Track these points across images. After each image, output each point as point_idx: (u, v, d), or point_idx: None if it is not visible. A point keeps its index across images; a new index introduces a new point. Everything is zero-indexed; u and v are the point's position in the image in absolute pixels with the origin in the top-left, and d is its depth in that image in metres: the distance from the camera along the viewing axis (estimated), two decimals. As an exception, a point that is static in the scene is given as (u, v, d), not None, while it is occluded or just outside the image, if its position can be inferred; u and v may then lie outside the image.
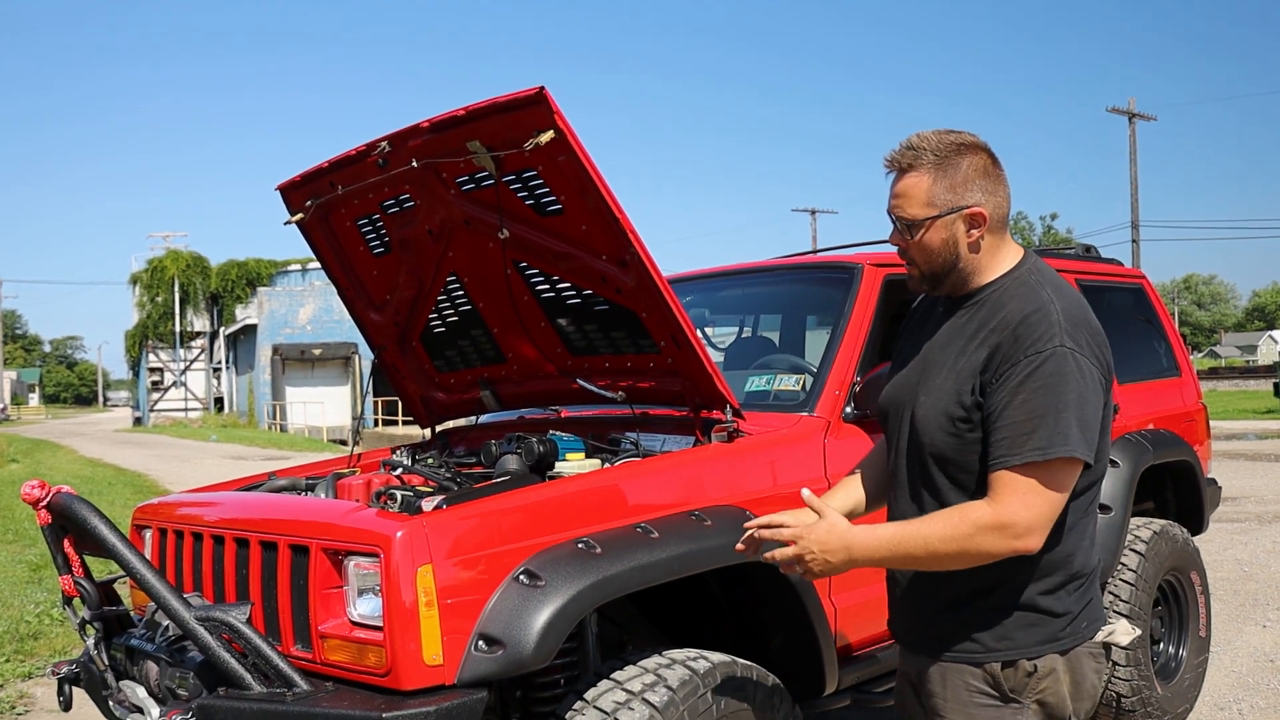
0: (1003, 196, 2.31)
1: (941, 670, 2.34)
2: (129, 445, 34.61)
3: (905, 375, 2.46)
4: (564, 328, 3.68)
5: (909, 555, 2.21)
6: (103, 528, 2.77)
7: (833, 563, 2.23)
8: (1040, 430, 2.11)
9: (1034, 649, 2.26)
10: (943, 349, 2.35)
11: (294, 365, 46.42)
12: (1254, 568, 8.75)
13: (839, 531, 2.23)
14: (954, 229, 2.28)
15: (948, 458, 2.29)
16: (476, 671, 2.54)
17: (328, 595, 2.71)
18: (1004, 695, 2.28)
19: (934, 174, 2.26)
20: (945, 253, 2.30)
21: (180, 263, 51.96)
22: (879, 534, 2.23)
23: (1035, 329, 2.18)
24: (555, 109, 2.95)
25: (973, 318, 2.32)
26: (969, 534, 2.14)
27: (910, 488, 2.39)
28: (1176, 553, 4.99)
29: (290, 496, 3.37)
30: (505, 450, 3.51)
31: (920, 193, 2.27)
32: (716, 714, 2.79)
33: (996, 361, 2.20)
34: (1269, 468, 16.42)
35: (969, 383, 2.24)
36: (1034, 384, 2.14)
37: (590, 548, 2.73)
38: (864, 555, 2.22)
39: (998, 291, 2.31)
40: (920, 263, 2.34)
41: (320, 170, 3.78)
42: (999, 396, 2.17)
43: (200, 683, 2.73)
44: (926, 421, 2.32)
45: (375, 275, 4.09)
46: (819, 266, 4.40)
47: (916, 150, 2.27)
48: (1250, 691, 5.60)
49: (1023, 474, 2.13)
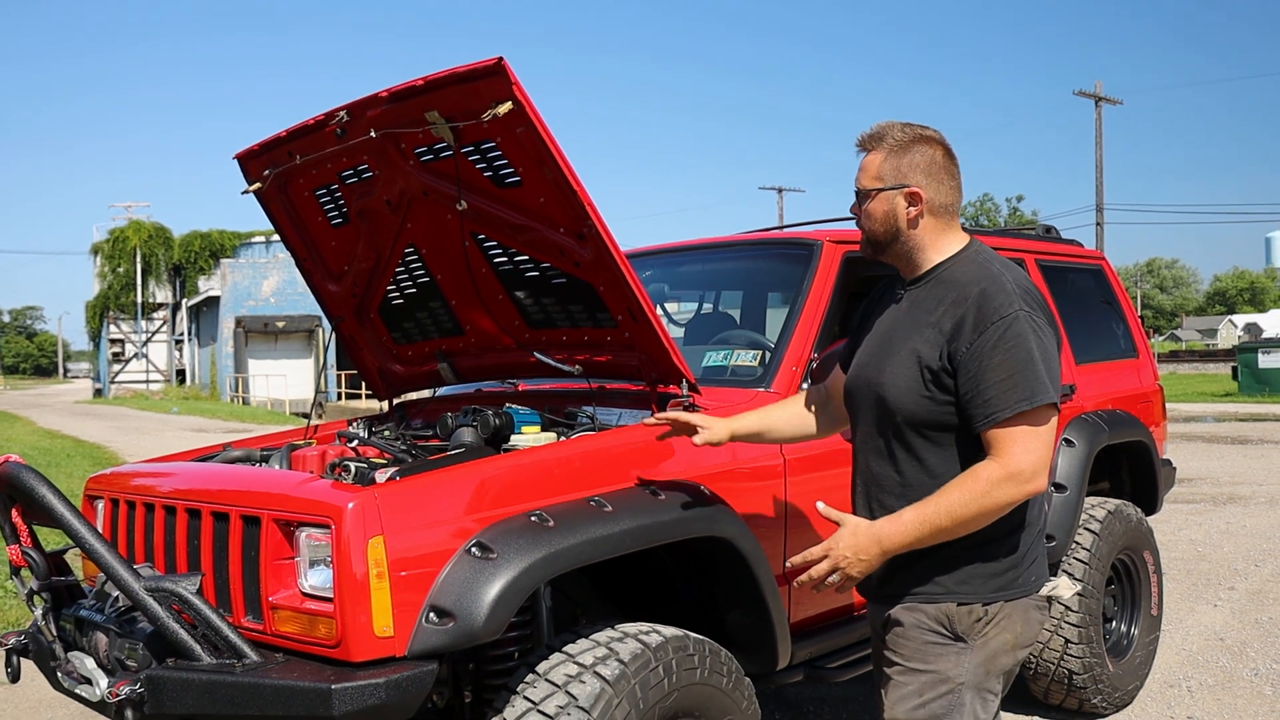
0: (948, 187, 2.59)
1: (899, 612, 2.57)
2: (89, 417, 34.26)
3: (867, 355, 2.69)
4: (522, 300, 3.66)
5: (937, 528, 2.40)
6: (51, 497, 2.74)
7: (868, 559, 2.43)
8: (1021, 384, 2.36)
9: (988, 595, 2.51)
10: (903, 326, 2.59)
11: (257, 338, 46.09)
12: (1207, 548, 8.88)
13: (865, 529, 2.45)
14: (894, 203, 2.57)
15: (923, 420, 2.51)
16: (427, 643, 2.53)
17: (279, 566, 2.69)
18: (955, 635, 2.51)
19: (886, 154, 2.58)
20: (886, 223, 2.59)
21: (142, 233, 51.31)
22: (903, 520, 2.42)
23: (994, 298, 2.44)
24: (513, 80, 2.92)
25: (928, 294, 2.57)
26: (985, 491, 2.36)
27: (886, 452, 2.60)
28: (1130, 532, 5.05)
29: (243, 467, 3.33)
30: (461, 423, 3.49)
31: (873, 168, 2.59)
32: (668, 687, 2.80)
33: (965, 331, 2.43)
34: (1225, 450, 16.66)
35: (935, 349, 2.48)
36: (1006, 345, 2.39)
37: (543, 520, 2.72)
38: (895, 543, 2.42)
39: (948, 270, 2.58)
40: (866, 229, 2.65)
41: (278, 139, 3.74)
42: (974, 363, 2.41)
43: (149, 653, 2.70)
44: (896, 392, 2.53)
45: (333, 246, 4.05)
46: (778, 243, 4.40)
47: (878, 135, 2.60)
48: (1199, 669, 5.69)
49: (1016, 424, 2.37)
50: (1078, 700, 4.84)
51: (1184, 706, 5.15)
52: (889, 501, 2.57)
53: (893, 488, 2.57)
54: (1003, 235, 5.31)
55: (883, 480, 2.60)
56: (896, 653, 2.56)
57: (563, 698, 2.65)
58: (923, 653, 2.52)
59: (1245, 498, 11.65)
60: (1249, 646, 6.07)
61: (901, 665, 2.55)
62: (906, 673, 2.53)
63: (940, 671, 2.50)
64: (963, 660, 2.50)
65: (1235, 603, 7.08)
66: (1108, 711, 4.94)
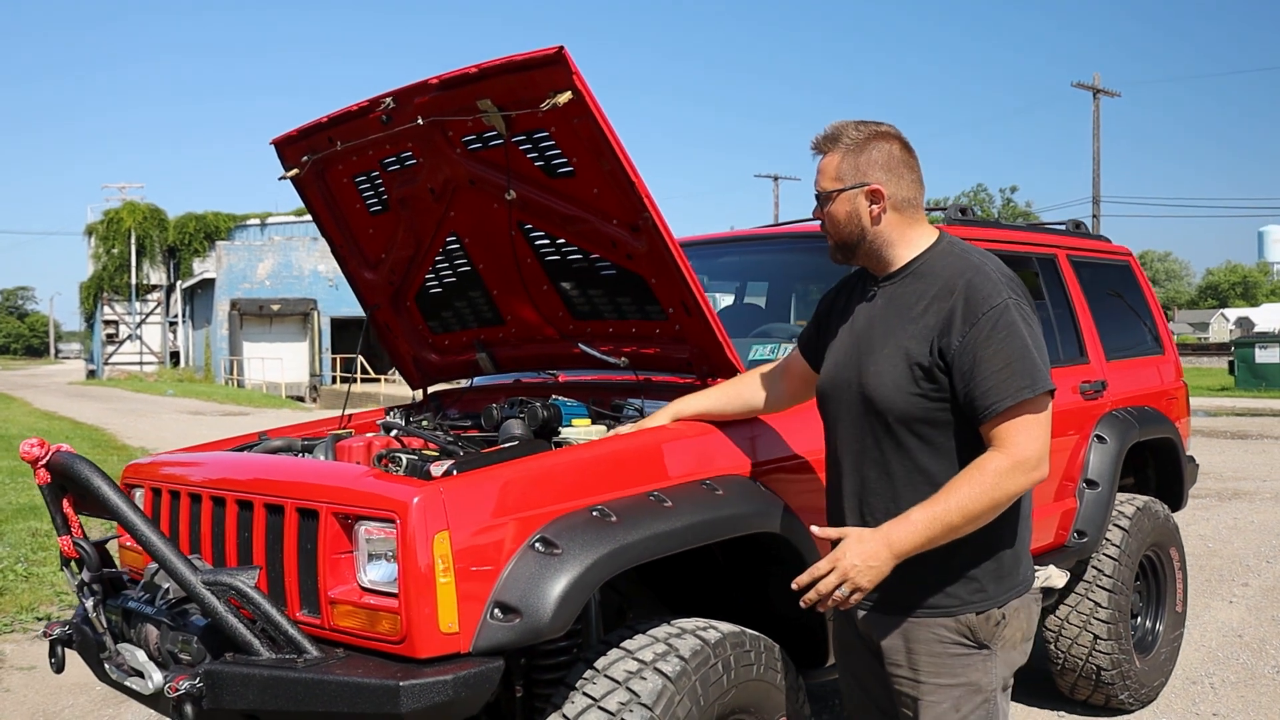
0: (908, 181, 2.55)
1: (910, 627, 2.52)
2: (84, 398, 34.15)
3: (842, 355, 2.64)
4: (567, 291, 3.63)
5: (949, 526, 2.34)
6: (105, 487, 2.70)
7: (877, 566, 2.34)
8: (1020, 372, 2.34)
9: (1002, 597, 2.49)
10: (881, 324, 2.54)
11: (252, 320, 46.00)
12: (1217, 544, 8.89)
13: (871, 536, 2.37)
14: (856, 203, 2.53)
15: (915, 417, 2.46)
16: (492, 640, 2.50)
17: (336, 560, 2.66)
18: (978, 643, 2.48)
19: (843, 154, 2.54)
20: (850, 224, 2.55)
21: (137, 215, 51.06)
22: (913, 520, 2.35)
23: (980, 289, 2.41)
24: (574, 69, 2.89)
25: (906, 290, 2.53)
26: (995, 483, 2.32)
27: (876, 454, 2.54)
28: (1158, 529, 5.05)
29: (296, 458, 3.30)
30: (508, 414, 3.46)
31: (831, 169, 2.55)
32: (726, 684, 2.78)
33: (955, 324, 2.39)
34: (1226, 445, 16.69)
35: (923, 345, 2.43)
36: (999, 335, 2.36)
37: (605, 515, 2.69)
38: (905, 545, 2.34)
39: (924, 264, 2.54)
40: (831, 233, 2.61)
41: (319, 125, 3.70)
42: (967, 356, 2.37)
43: (204, 647, 2.67)
44: (883, 389, 2.48)
45: (371, 233, 4.02)
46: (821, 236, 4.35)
47: (833, 136, 2.56)
48: (1221, 666, 5.69)
49: (1018, 413, 2.34)
50: (1104, 696, 4.84)
51: (1208, 703, 5.15)
52: (882, 505, 2.51)
53: (885, 491, 2.52)
54: (1033, 230, 5.27)
55: (873, 484, 2.54)
56: (916, 669, 2.51)
57: (624, 694, 2.62)
58: (949, 666, 2.48)
59: (1250, 493, 11.68)
60: (1268, 643, 6.07)
61: (928, 683, 2.49)
62: (936, 690, 2.49)
63: (972, 682, 2.48)
64: (990, 666, 2.49)
65: (1250, 599, 7.09)
66: (1134, 707, 4.94)
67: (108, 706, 5.18)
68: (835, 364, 2.65)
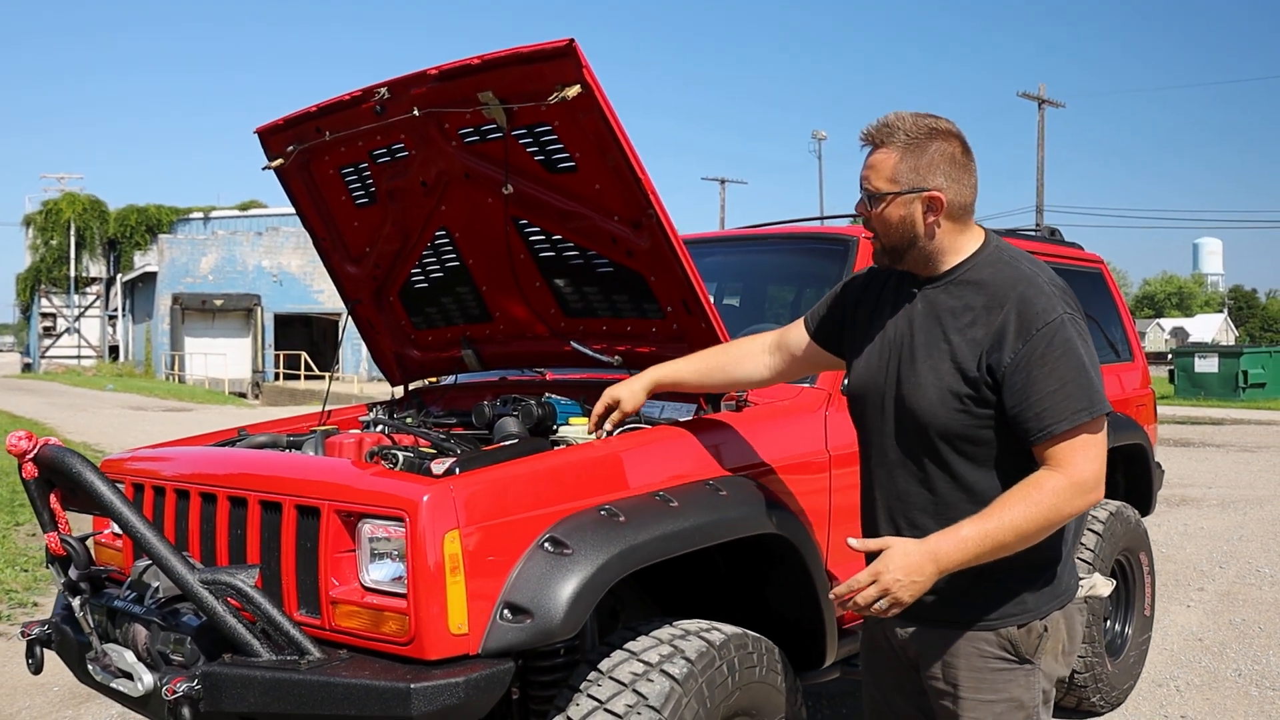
0: (967, 185, 2.38)
1: (951, 641, 2.41)
2: (20, 392, 33.38)
3: (878, 360, 2.50)
4: (561, 288, 3.57)
5: (1000, 544, 2.22)
6: (98, 482, 2.61)
7: (921, 581, 2.22)
8: (1076, 393, 2.22)
9: (1043, 609, 2.38)
10: (922, 331, 2.41)
11: (194, 315, 45.29)
12: (1170, 549, 9.02)
13: (917, 549, 2.23)
14: (912, 208, 2.35)
15: (958, 433, 2.33)
16: (502, 641, 2.45)
17: (338, 559, 2.60)
18: (1020, 657, 2.38)
19: (902, 153, 2.33)
20: (903, 229, 2.37)
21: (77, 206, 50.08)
22: (962, 535, 2.23)
23: (1035, 303, 2.28)
24: (584, 63, 2.84)
25: (951, 297, 2.39)
26: (1053, 504, 2.21)
27: (914, 467, 2.41)
28: (1129, 533, 5.09)
29: (291, 454, 3.22)
30: (502, 412, 3.41)
31: (887, 168, 2.34)
32: (731, 686, 2.75)
33: (1007, 339, 2.26)
34: (1169, 452, 16.95)
35: (971, 359, 2.30)
36: (1055, 353, 2.23)
37: (613, 515, 2.65)
38: (952, 561, 2.23)
39: (971, 271, 2.39)
40: (880, 235, 2.42)
41: (307, 114, 3.61)
42: (1020, 374, 2.24)
43: (198, 648, 2.59)
44: (925, 402, 2.35)
45: (355, 226, 3.94)
46: (812, 238, 4.35)
47: (891, 128, 2.35)
48: (1184, 669, 5.76)
49: (1075, 435, 2.22)
50: (1076, 698, 4.88)
51: (1175, 706, 5.21)
52: (920, 520, 2.39)
53: (924, 505, 2.40)
54: (1008, 236, 5.31)
55: (910, 498, 2.42)
56: (957, 685, 2.40)
57: (631, 696, 2.58)
58: (990, 681, 2.37)
59: (1197, 500, 11.87)
60: (1228, 647, 6.16)
61: (969, 699, 2.38)
62: (977, 706, 2.38)
63: (1014, 698, 2.37)
64: (1032, 681, 2.39)
65: (1207, 604, 7.19)
66: (1103, 710, 4.98)
67: (67, 708, 5.03)
68: (868, 367, 2.51)
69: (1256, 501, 11.59)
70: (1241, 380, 28.96)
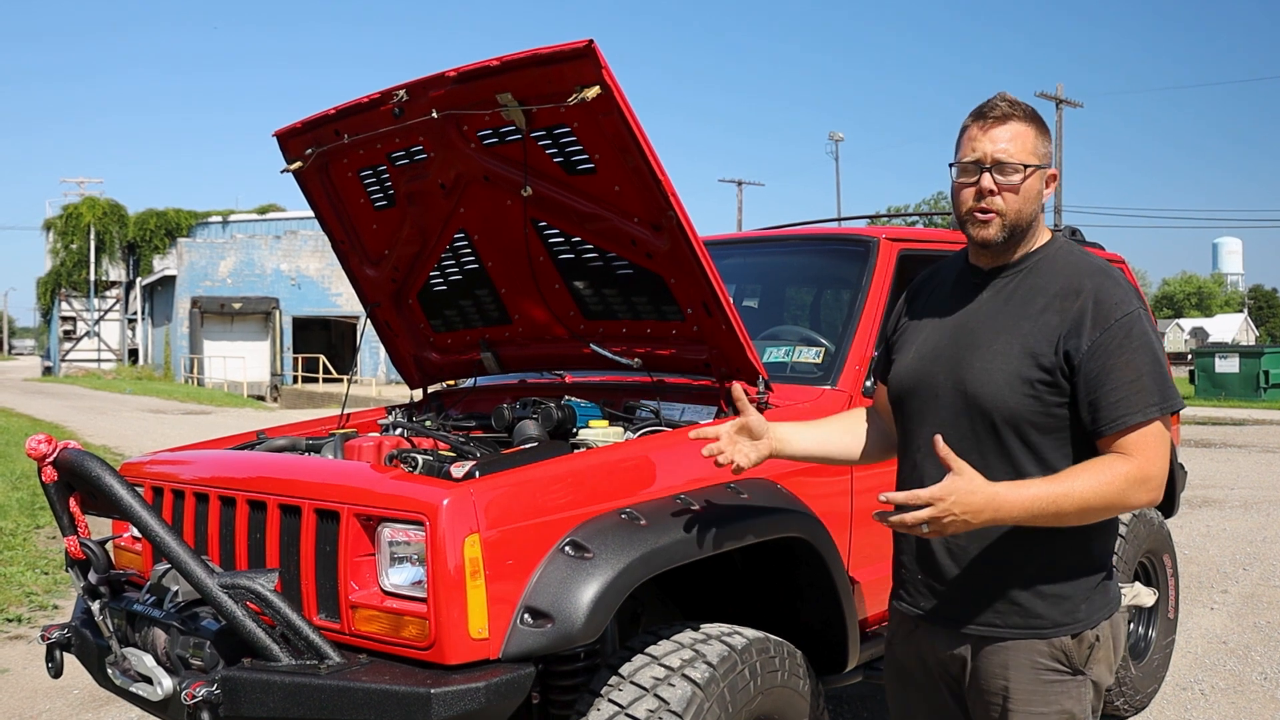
0: None
1: (1002, 651, 2.34)
2: (41, 395, 33.59)
3: (937, 348, 2.45)
4: (580, 290, 3.55)
5: (1060, 512, 2.18)
6: (117, 486, 2.60)
7: (973, 522, 2.16)
8: (1151, 386, 2.21)
9: (1094, 617, 2.33)
10: (992, 318, 2.38)
11: (213, 319, 45.51)
12: (1193, 551, 8.95)
13: (983, 489, 2.15)
14: (1041, 184, 2.36)
15: (1025, 419, 2.29)
16: (523, 646, 2.44)
17: (358, 563, 2.59)
18: (1073, 668, 2.32)
19: (1037, 131, 2.35)
20: (1037, 204, 2.37)
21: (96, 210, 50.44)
22: (1030, 493, 2.17)
23: (1112, 295, 2.27)
24: (604, 64, 2.82)
25: (1022, 285, 2.37)
26: (1121, 488, 2.18)
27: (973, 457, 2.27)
28: (1153, 535, 5.05)
29: (311, 457, 3.21)
30: (520, 415, 3.39)
31: (1029, 141, 2.33)
32: (753, 691, 2.73)
33: (1085, 326, 2.24)
34: (1191, 453, 16.85)
35: (1046, 344, 2.27)
36: (1132, 345, 2.22)
37: (634, 519, 2.63)
38: (1011, 514, 2.17)
39: (1041, 261, 2.38)
40: (1012, 211, 2.34)
41: (326, 117, 3.61)
42: (1097, 361, 2.22)
43: (217, 652, 2.58)
44: (991, 386, 2.31)
45: (374, 229, 3.93)
46: (834, 239, 4.32)
47: (1019, 105, 2.36)
48: (1209, 672, 5.71)
49: (1150, 428, 2.21)
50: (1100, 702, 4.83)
51: (1200, 710, 5.16)
52: None
53: None
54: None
55: None
56: (1008, 697, 2.32)
57: (652, 701, 2.56)
58: (1043, 693, 2.30)
59: (1219, 501, 11.78)
60: (1253, 650, 6.10)
61: (1021, 711, 2.31)
62: (1029, 717, 2.31)
63: (1066, 710, 2.31)
64: (1083, 692, 2.33)
65: (1231, 606, 7.13)
66: (1128, 713, 4.94)
67: (87, 711, 5.04)
68: (921, 356, 2.46)
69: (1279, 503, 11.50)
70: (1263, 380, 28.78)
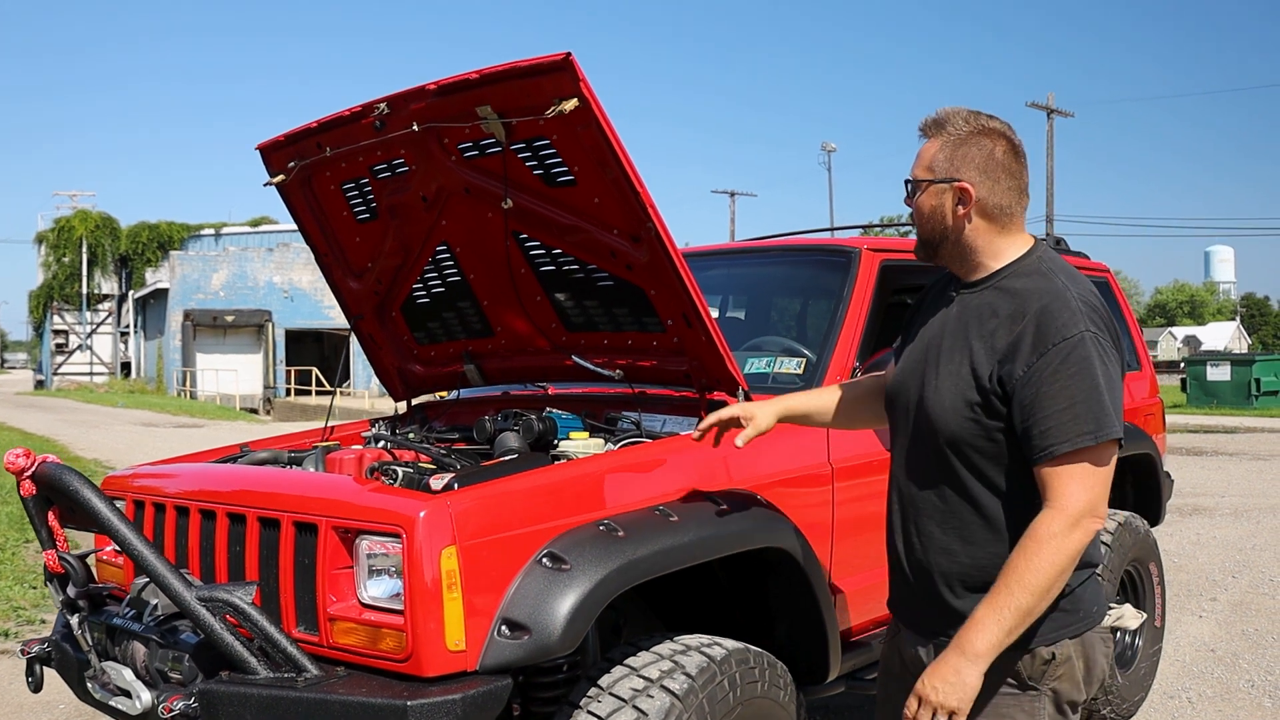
0: (1004, 187, 2.33)
1: None
2: (32, 409, 33.51)
3: (910, 362, 2.46)
4: (562, 303, 3.56)
5: (1023, 610, 2.15)
6: (95, 499, 2.60)
7: (958, 679, 2.17)
8: (1084, 414, 2.13)
9: (1051, 636, 2.28)
10: (951, 335, 2.36)
11: (205, 331, 45.44)
12: (1182, 559, 8.96)
13: (944, 656, 2.20)
14: (943, 199, 2.34)
15: (966, 442, 2.27)
16: (500, 658, 2.44)
17: (336, 576, 2.59)
18: (1022, 683, 2.30)
19: (942, 144, 2.33)
20: (934, 220, 2.36)
21: (89, 223, 50.38)
22: (979, 619, 2.17)
23: (1057, 317, 2.19)
24: (581, 76, 2.84)
25: (983, 303, 2.33)
26: (1055, 548, 2.13)
27: (928, 474, 2.36)
28: (1138, 544, 5.06)
29: (290, 470, 3.22)
30: (501, 427, 3.40)
31: (926, 157, 2.36)
32: (732, 702, 2.73)
33: (1022, 351, 2.19)
34: (1182, 461, 16.87)
35: (986, 367, 2.24)
36: (1068, 371, 2.15)
37: (612, 530, 2.64)
38: (983, 645, 2.16)
39: (1008, 278, 2.33)
40: (916, 226, 2.41)
41: (308, 130, 3.62)
42: (1029, 389, 2.17)
43: (195, 666, 2.59)
44: (939, 407, 2.31)
45: (357, 242, 3.94)
46: (815, 249, 4.33)
47: (940, 121, 2.36)
48: (1196, 680, 5.72)
49: (1075, 460, 2.14)
50: (1086, 711, 4.84)
51: (1187, 718, 5.16)
52: (928, 528, 2.36)
53: (933, 513, 2.36)
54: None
55: (921, 503, 2.38)
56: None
57: (631, 713, 2.57)
58: (993, 705, 2.29)
59: (1210, 509, 11.79)
60: (1240, 658, 6.11)
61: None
62: None
63: None
64: (1036, 708, 2.30)
65: (1219, 614, 7.14)
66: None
67: (76, 724, 5.03)
68: (902, 370, 2.48)
69: (1270, 510, 11.52)
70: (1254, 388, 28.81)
